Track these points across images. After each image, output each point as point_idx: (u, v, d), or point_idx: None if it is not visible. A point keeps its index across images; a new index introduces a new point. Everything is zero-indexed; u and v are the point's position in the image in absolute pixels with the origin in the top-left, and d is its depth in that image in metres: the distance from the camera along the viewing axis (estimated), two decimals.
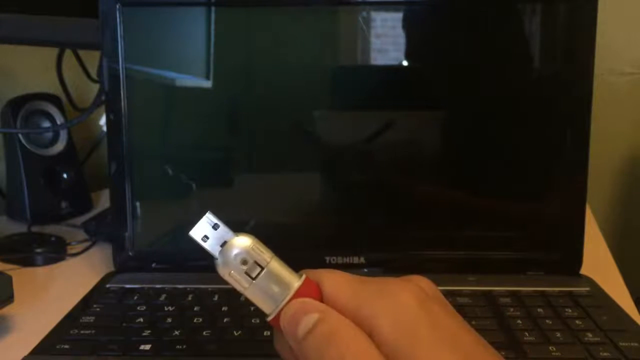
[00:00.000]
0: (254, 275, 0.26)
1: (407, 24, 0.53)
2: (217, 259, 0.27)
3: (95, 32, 0.53)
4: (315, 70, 0.54)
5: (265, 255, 0.26)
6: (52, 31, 0.59)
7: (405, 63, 0.54)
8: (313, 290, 0.26)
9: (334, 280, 0.26)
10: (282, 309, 0.26)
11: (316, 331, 0.24)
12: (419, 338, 0.23)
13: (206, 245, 0.27)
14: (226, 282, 0.27)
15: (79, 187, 0.75)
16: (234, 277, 0.26)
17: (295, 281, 0.26)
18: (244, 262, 0.26)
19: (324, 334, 0.24)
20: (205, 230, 0.27)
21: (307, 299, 0.25)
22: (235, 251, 0.26)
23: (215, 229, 0.27)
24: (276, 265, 0.26)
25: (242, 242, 0.27)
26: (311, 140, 0.54)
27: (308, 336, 0.24)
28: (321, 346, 0.24)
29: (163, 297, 0.49)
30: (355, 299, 0.25)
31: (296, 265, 0.29)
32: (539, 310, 0.45)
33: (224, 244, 0.27)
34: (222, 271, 0.26)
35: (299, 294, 0.26)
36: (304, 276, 0.26)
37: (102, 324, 0.45)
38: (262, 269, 0.26)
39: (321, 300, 0.26)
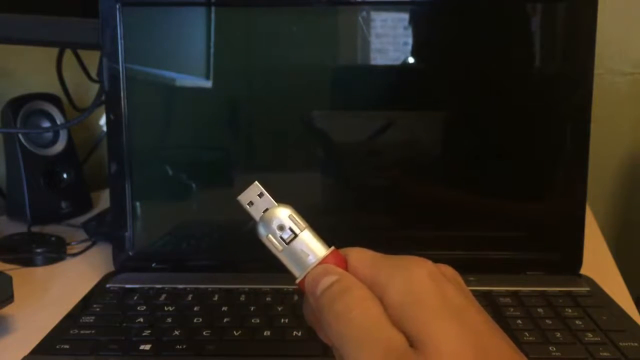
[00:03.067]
0: (287, 241, 0.29)
1: (407, 24, 0.53)
2: (258, 222, 0.30)
3: (95, 32, 0.53)
4: (315, 70, 0.54)
5: (300, 224, 0.29)
6: (52, 31, 0.59)
7: (405, 63, 0.54)
8: (339, 260, 0.28)
9: (358, 254, 0.28)
10: (308, 273, 0.28)
11: (332, 288, 0.26)
12: (425, 305, 0.24)
13: (251, 209, 0.30)
14: (230, 280, 0.29)
15: (79, 187, 0.75)
16: (271, 240, 0.29)
17: (323, 250, 0.29)
18: (281, 228, 0.29)
19: (337, 291, 0.26)
20: (252, 197, 0.30)
21: (329, 265, 0.28)
22: (274, 217, 0.29)
23: (260, 197, 0.30)
24: (309, 235, 0.29)
25: (281, 210, 0.29)
26: (311, 140, 0.54)
27: (324, 292, 0.26)
28: (333, 300, 0.26)
29: (163, 297, 0.49)
30: (374, 268, 0.27)
31: None
32: (539, 310, 0.45)
33: (265, 211, 0.30)
34: (262, 233, 0.29)
35: (325, 260, 0.28)
36: (332, 247, 0.29)
37: (102, 324, 0.45)
38: (296, 235, 0.29)
39: (345, 269, 0.28)
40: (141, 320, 0.45)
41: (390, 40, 0.53)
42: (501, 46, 0.53)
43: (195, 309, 0.46)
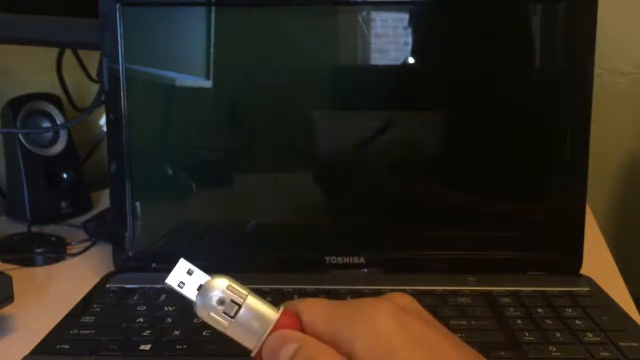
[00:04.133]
0: (232, 314, 0.27)
1: (407, 24, 0.53)
2: (195, 302, 0.28)
3: (95, 32, 0.53)
4: (315, 70, 0.54)
5: (241, 292, 0.27)
6: (52, 31, 0.59)
7: (405, 63, 0.54)
8: (292, 321, 0.26)
9: (310, 309, 0.27)
10: (263, 343, 0.26)
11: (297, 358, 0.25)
12: (395, 355, 0.23)
13: (183, 291, 0.28)
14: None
15: (79, 187, 0.75)
16: (213, 318, 0.27)
17: (273, 314, 0.27)
18: (221, 303, 0.27)
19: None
20: (181, 276, 0.28)
21: (285, 330, 0.26)
22: (211, 293, 0.27)
23: (190, 274, 0.28)
24: (253, 301, 0.27)
25: (217, 283, 0.27)
26: (311, 140, 0.54)
27: None
28: None
29: (163, 297, 0.49)
30: (332, 324, 0.25)
31: (296, 266, 0.29)
32: (539, 310, 0.45)
33: (200, 288, 0.28)
34: (202, 313, 0.27)
35: (278, 326, 0.26)
36: (281, 308, 0.27)
37: (102, 324, 0.45)
38: (240, 306, 0.27)
39: (301, 330, 0.26)
40: (141, 320, 0.45)
41: (390, 40, 0.53)
42: (501, 46, 0.53)
43: None
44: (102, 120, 0.62)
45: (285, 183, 0.55)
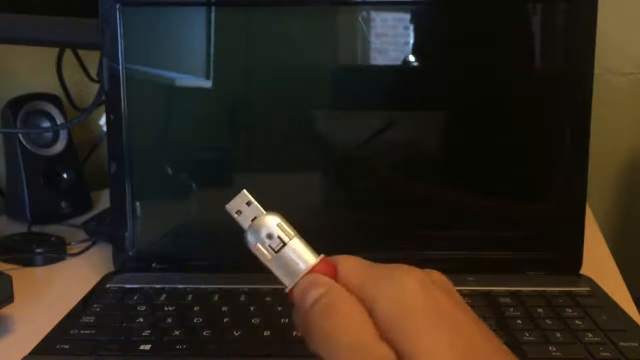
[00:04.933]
0: (276, 250, 0.29)
1: (407, 24, 0.53)
2: (246, 231, 0.30)
3: (95, 32, 0.53)
4: (315, 70, 0.54)
5: (289, 232, 0.29)
6: (52, 31, 0.59)
7: (405, 63, 0.54)
8: (328, 269, 0.28)
9: (348, 262, 0.28)
10: (297, 283, 0.28)
11: (319, 303, 0.26)
12: (415, 318, 0.24)
13: (239, 218, 0.30)
14: (229, 280, 0.29)
15: (79, 187, 0.75)
16: (259, 250, 0.29)
17: (313, 259, 0.28)
18: (270, 237, 0.29)
19: (324, 306, 0.26)
20: (240, 206, 0.31)
21: (318, 275, 0.27)
22: (262, 226, 0.29)
23: (248, 206, 0.30)
24: (298, 243, 0.29)
25: (269, 219, 0.29)
26: (311, 140, 0.54)
27: (312, 308, 0.26)
28: (320, 316, 0.25)
29: (163, 297, 0.49)
30: (362, 279, 0.26)
31: None
32: (539, 310, 0.45)
33: (254, 219, 0.30)
34: (250, 243, 0.29)
35: (314, 270, 0.28)
36: (321, 256, 0.29)
37: (102, 324, 0.45)
38: (285, 244, 0.29)
39: (334, 278, 0.27)
40: (141, 320, 0.45)
41: (390, 40, 0.53)
42: (501, 46, 0.53)
43: (195, 309, 0.46)
44: (102, 120, 0.62)
45: (285, 183, 0.55)
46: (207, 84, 0.54)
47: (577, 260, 0.52)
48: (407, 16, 0.53)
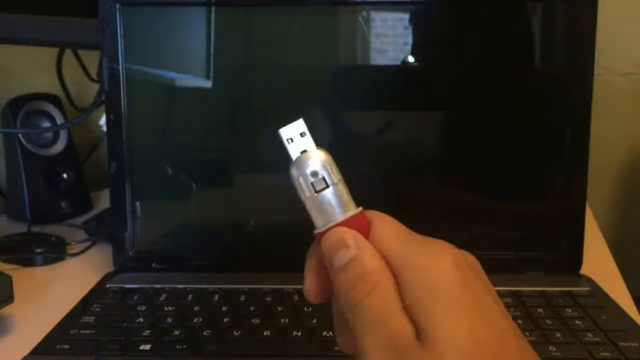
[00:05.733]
0: (317, 189, 0.28)
1: (407, 24, 0.53)
2: (293, 162, 0.29)
3: (95, 32, 0.53)
4: (315, 70, 0.54)
5: (335, 175, 0.28)
6: (52, 31, 0.59)
7: (405, 63, 0.54)
8: (363, 224, 0.27)
9: (385, 222, 0.27)
10: (329, 228, 0.27)
11: (348, 268, 0.25)
12: (440, 296, 0.23)
13: (289, 146, 0.29)
14: (229, 280, 0.28)
15: (79, 187, 0.75)
16: (300, 184, 0.28)
17: (350, 209, 0.28)
18: (314, 175, 0.28)
19: (354, 274, 0.25)
20: (293, 134, 0.29)
21: (352, 232, 0.26)
22: (310, 161, 0.28)
23: (302, 137, 0.29)
24: (340, 189, 0.28)
25: (319, 156, 0.28)
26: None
27: (341, 270, 0.26)
28: (349, 284, 0.25)
29: (163, 297, 0.49)
30: (397, 243, 0.26)
31: (296, 266, 0.30)
32: (539, 310, 0.45)
33: (304, 152, 0.29)
34: (293, 175, 0.28)
35: (349, 221, 0.27)
36: (360, 208, 0.28)
37: (102, 324, 0.45)
38: (328, 186, 0.28)
39: (367, 235, 0.27)
40: (141, 320, 0.45)
41: (390, 40, 0.53)
42: (501, 46, 0.53)
43: (195, 309, 0.46)
44: (102, 120, 0.62)
45: (285, 183, 0.55)
46: (207, 84, 0.54)
47: (577, 260, 0.52)
48: (407, 16, 0.53)
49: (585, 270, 0.52)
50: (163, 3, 0.53)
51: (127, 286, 0.51)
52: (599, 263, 0.55)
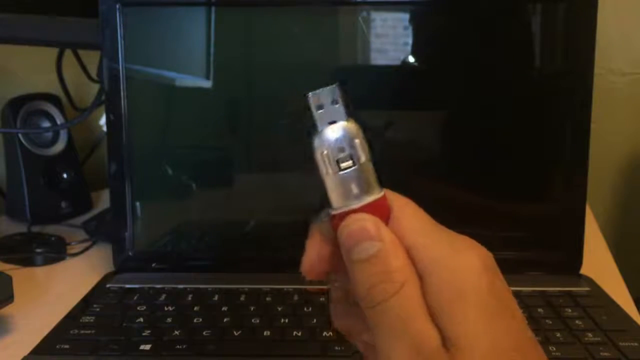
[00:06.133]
0: (342, 167, 0.25)
1: (407, 24, 0.53)
2: (319, 132, 0.25)
3: (95, 32, 0.53)
4: (316, 70, 0.54)
5: (363, 154, 0.25)
6: (52, 31, 0.59)
7: (405, 63, 0.54)
8: (385, 210, 0.25)
9: (409, 210, 0.25)
10: (349, 211, 0.25)
11: (372, 264, 0.23)
12: (467, 302, 0.22)
13: (317, 114, 0.25)
14: (229, 280, 0.27)
15: (79, 187, 0.75)
16: (324, 159, 0.25)
17: (374, 193, 0.25)
18: (341, 150, 0.25)
19: (378, 271, 0.23)
20: (325, 100, 0.26)
21: (376, 220, 0.24)
22: (337, 135, 0.25)
23: (334, 104, 0.25)
24: (367, 169, 0.25)
25: (350, 130, 0.25)
26: (311, 140, 0.54)
27: (361, 265, 0.23)
28: (372, 280, 0.23)
29: (163, 297, 0.49)
30: (422, 239, 0.24)
31: (296, 266, 0.30)
32: (539, 310, 0.45)
33: (332, 122, 0.25)
34: (317, 148, 0.25)
35: (371, 206, 0.25)
36: (383, 192, 0.25)
37: (102, 324, 0.45)
38: (354, 165, 0.25)
39: (387, 222, 0.25)
40: (141, 320, 0.45)
41: (390, 40, 0.53)
42: (501, 46, 0.53)
43: (195, 309, 0.46)
44: (102, 120, 0.62)
45: (285, 183, 0.55)
46: (207, 84, 0.54)
47: (577, 260, 0.52)
48: (407, 16, 0.53)
49: (585, 270, 0.52)
50: (163, 3, 0.53)
51: (127, 286, 0.51)
52: (599, 263, 0.55)
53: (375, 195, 0.25)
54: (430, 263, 0.23)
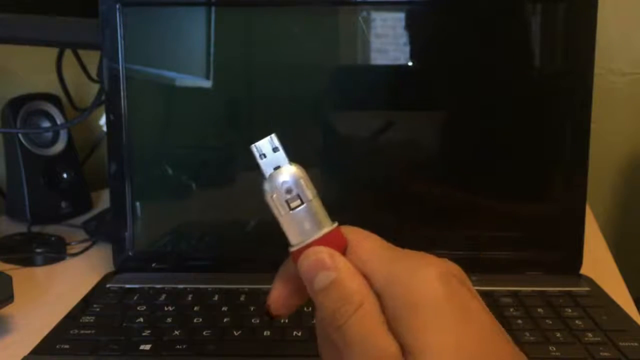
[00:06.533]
0: (292, 206, 0.27)
1: (407, 24, 0.53)
2: (265, 179, 0.28)
3: (95, 32, 0.53)
4: (316, 70, 0.54)
5: (309, 192, 0.27)
6: (52, 31, 0.59)
7: (405, 63, 0.54)
8: (339, 241, 0.27)
9: (362, 237, 0.27)
10: (305, 246, 0.26)
11: (330, 291, 0.25)
12: (424, 313, 0.23)
13: (262, 162, 0.28)
14: (229, 280, 0.28)
15: (79, 187, 0.75)
16: (275, 202, 0.27)
17: (326, 226, 0.27)
18: (288, 192, 0.27)
19: (336, 296, 0.25)
20: (266, 149, 0.28)
21: (330, 251, 0.26)
22: (283, 178, 0.27)
23: (275, 152, 0.28)
24: (315, 205, 0.27)
25: (292, 173, 0.28)
26: (311, 140, 0.54)
27: (322, 293, 0.25)
28: (333, 305, 0.25)
29: (163, 297, 0.49)
30: (377, 260, 0.25)
31: None
32: (539, 310, 0.45)
33: (277, 168, 0.28)
34: (266, 193, 0.28)
35: (325, 238, 0.26)
36: (335, 224, 0.27)
37: (102, 324, 0.45)
38: (302, 203, 0.27)
39: (344, 252, 0.26)
40: (141, 320, 0.45)
41: (390, 40, 0.53)
42: (501, 46, 0.53)
43: (195, 309, 0.46)
44: (102, 120, 0.62)
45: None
46: (207, 84, 0.54)
47: (577, 260, 0.52)
48: (407, 16, 0.53)
49: (585, 270, 0.52)
50: (163, 3, 0.53)
51: (127, 286, 0.51)
52: (599, 263, 0.55)
53: (328, 228, 0.27)
54: (386, 283, 0.24)
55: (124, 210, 0.54)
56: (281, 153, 0.28)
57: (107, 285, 0.51)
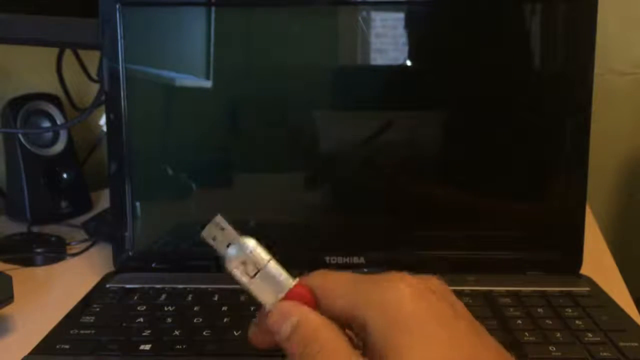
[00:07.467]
0: (252, 275, 0.30)
1: (407, 24, 0.53)
2: (224, 257, 0.30)
3: (95, 32, 0.53)
4: (315, 70, 0.54)
5: (262, 258, 0.30)
6: (52, 31, 0.59)
7: (405, 63, 0.54)
8: (304, 294, 0.28)
9: (325, 278, 0.28)
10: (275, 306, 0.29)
11: (294, 335, 0.26)
12: (405, 329, 0.23)
13: (215, 244, 0.31)
14: (229, 280, 0.30)
15: (79, 187, 0.75)
16: (236, 275, 0.30)
17: (287, 284, 0.29)
18: (244, 263, 0.30)
19: (300, 337, 0.26)
20: (215, 232, 0.31)
21: (291, 302, 0.28)
22: (236, 253, 0.30)
23: (223, 231, 0.31)
24: (272, 268, 0.30)
25: (243, 246, 0.30)
26: (311, 140, 0.54)
27: (289, 339, 0.26)
28: (299, 348, 0.26)
29: (163, 297, 0.49)
30: (348, 296, 0.26)
31: (296, 266, 0.30)
32: (539, 310, 0.45)
33: (229, 245, 0.30)
34: (228, 269, 0.30)
35: (288, 297, 0.29)
36: (296, 280, 0.29)
37: (102, 324, 0.45)
38: (259, 270, 0.29)
39: (314, 303, 0.28)
40: (141, 320, 0.45)
41: (390, 40, 0.53)
42: (501, 46, 0.53)
43: (195, 309, 0.46)
44: (102, 120, 0.62)
45: (285, 183, 0.55)
46: (207, 84, 0.54)
47: (577, 260, 0.52)
48: (407, 16, 0.53)
49: (585, 270, 0.52)
50: (163, 3, 0.53)
51: (127, 286, 0.51)
52: (599, 263, 0.55)
53: (290, 284, 0.29)
54: (361, 312, 0.25)
55: (124, 210, 0.54)
56: (229, 230, 0.31)
57: (107, 285, 0.51)
